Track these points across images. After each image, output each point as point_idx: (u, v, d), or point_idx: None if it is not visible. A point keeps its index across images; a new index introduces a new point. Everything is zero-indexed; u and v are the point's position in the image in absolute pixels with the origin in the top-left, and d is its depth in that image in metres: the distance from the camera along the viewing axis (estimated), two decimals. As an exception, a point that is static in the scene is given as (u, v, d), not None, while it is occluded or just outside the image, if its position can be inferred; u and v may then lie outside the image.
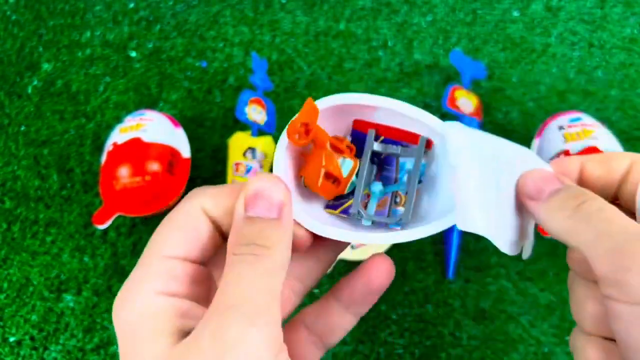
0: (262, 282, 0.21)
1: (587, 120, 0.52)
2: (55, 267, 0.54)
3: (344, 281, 0.27)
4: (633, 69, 0.61)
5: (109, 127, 0.61)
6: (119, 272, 0.54)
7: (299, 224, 0.26)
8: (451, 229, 0.51)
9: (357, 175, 0.28)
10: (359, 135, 0.29)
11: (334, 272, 0.52)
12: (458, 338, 0.48)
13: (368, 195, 0.29)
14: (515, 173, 0.27)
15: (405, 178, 0.29)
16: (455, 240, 0.51)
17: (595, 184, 0.26)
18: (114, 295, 0.54)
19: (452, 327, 0.50)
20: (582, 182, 0.27)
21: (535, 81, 0.61)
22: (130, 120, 0.55)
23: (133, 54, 0.67)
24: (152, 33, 0.68)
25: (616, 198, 0.26)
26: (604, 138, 0.50)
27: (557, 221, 0.23)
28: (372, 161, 0.29)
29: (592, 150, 0.48)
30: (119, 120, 0.62)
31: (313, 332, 0.27)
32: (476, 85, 0.61)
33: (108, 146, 0.54)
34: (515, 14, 0.66)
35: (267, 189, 0.23)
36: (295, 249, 0.24)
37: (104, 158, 0.54)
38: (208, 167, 0.59)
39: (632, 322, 0.19)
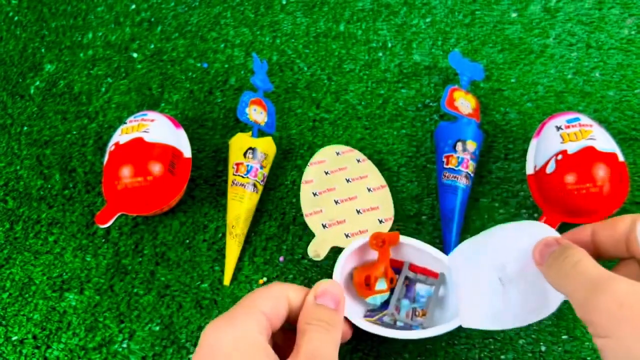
0: (332, 344, 0.35)
1: (585, 120, 0.52)
2: (57, 267, 0.55)
3: None
4: (630, 69, 0.61)
5: (111, 128, 0.62)
6: (121, 271, 0.54)
7: (348, 320, 0.42)
8: (452, 212, 0.52)
9: (391, 292, 0.46)
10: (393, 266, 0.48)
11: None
12: (456, 337, 0.48)
13: (397, 308, 0.46)
14: (520, 251, 0.36)
15: (422, 299, 0.47)
16: (456, 219, 0.52)
17: (606, 245, 0.33)
18: (116, 294, 0.54)
19: (451, 326, 0.50)
20: (595, 245, 0.34)
21: (534, 82, 0.62)
22: (132, 121, 0.55)
23: (135, 55, 0.67)
24: (153, 34, 0.69)
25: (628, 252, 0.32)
26: (601, 138, 0.50)
27: (551, 277, 0.31)
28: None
29: (590, 150, 0.49)
30: (121, 120, 0.62)
31: None
32: (475, 86, 0.62)
33: (110, 146, 0.54)
34: (514, 15, 0.66)
35: (331, 288, 0.39)
36: (342, 338, 0.39)
37: (106, 158, 0.54)
38: (209, 167, 0.59)
39: (604, 354, 0.25)
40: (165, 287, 0.53)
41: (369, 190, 0.53)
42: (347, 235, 0.49)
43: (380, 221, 0.51)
